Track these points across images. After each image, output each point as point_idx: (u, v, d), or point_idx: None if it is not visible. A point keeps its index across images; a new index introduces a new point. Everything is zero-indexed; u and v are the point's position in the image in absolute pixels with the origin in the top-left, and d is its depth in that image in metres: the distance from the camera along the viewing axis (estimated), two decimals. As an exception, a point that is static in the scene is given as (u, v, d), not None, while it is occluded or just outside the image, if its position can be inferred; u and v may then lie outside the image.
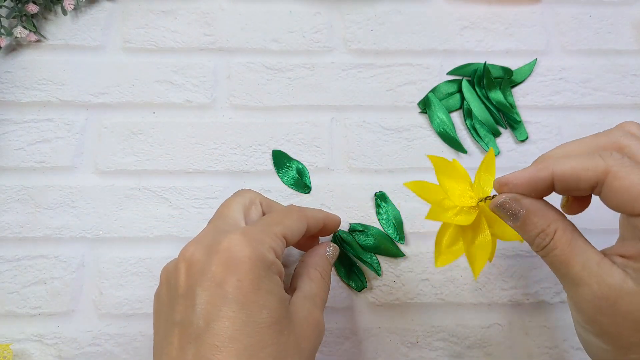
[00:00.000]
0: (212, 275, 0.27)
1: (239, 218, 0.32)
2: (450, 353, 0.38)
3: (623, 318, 0.25)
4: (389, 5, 0.47)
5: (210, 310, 0.26)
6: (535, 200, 0.27)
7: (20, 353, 0.37)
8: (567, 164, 0.26)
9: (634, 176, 0.24)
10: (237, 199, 0.33)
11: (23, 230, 0.40)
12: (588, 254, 0.26)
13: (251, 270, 0.27)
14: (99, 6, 0.47)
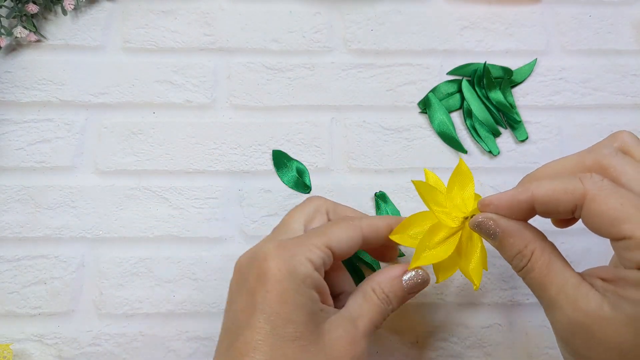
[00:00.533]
0: (248, 285, 0.28)
1: (298, 229, 0.31)
2: (450, 353, 0.38)
3: (598, 344, 0.24)
4: (389, 5, 0.47)
5: (242, 318, 0.27)
6: (513, 221, 0.27)
7: (20, 353, 0.37)
8: (547, 186, 0.26)
9: (611, 200, 0.24)
10: (303, 208, 0.32)
11: (23, 230, 0.40)
12: (565, 277, 0.26)
13: (279, 282, 0.27)
14: (99, 6, 0.47)
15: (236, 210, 0.41)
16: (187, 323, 0.38)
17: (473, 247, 0.32)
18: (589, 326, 0.24)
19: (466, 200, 0.32)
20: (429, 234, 0.32)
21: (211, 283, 0.39)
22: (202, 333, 0.38)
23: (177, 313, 0.38)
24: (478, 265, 0.31)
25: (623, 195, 0.24)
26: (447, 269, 0.33)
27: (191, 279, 0.39)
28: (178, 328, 0.38)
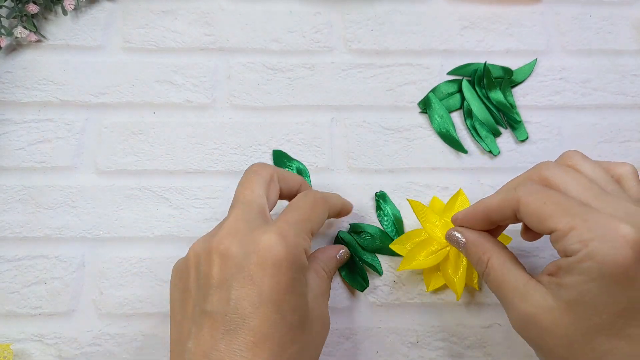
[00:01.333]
0: (249, 273, 0.28)
1: (264, 204, 0.32)
2: (450, 353, 0.38)
3: (547, 333, 0.27)
4: (389, 5, 0.47)
5: (246, 307, 0.27)
6: (476, 233, 0.32)
7: (20, 353, 0.37)
8: (495, 199, 0.31)
9: (537, 201, 0.28)
10: (256, 178, 0.33)
11: (23, 230, 0.40)
12: (517, 277, 0.29)
13: (287, 273, 0.28)
14: (99, 6, 0.47)
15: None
16: (187, 323, 0.38)
17: (459, 264, 0.36)
18: (537, 317, 0.27)
19: None
20: (420, 245, 0.37)
21: (211, 283, 0.39)
22: (202, 333, 0.38)
23: (177, 313, 0.38)
24: (462, 279, 0.36)
25: (547, 195, 0.28)
26: (436, 280, 0.38)
27: (191, 279, 0.39)
28: (178, 328, 0.38)
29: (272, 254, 0.28)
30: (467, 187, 0.42)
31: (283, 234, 0.29)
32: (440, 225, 0.37)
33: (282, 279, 0.28)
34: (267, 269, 0.28)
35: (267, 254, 0.28)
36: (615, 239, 0.25)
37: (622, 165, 0.31)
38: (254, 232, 0.29)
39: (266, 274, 0.28)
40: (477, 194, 0.41)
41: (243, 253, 0.28)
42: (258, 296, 0.27)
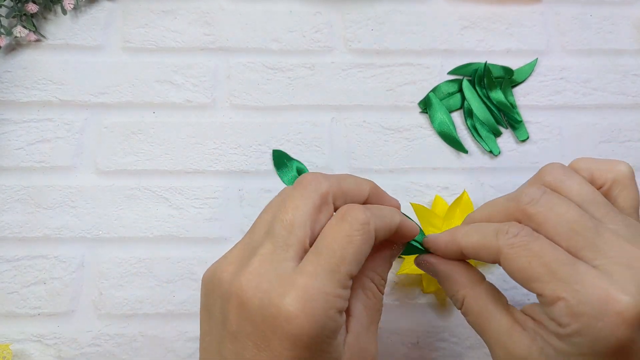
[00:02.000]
0: (265, 338, 0.23)
1: (304, 237, 0.25)
2: (451, 353, 0.38)
3: None
4: (389, 5, 0.47)
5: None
6: (450, 264, 0.28)
7: (19, 353, 0.37)
8: (471, 239, 0.27)
9: (521, 260, 0.24)
10: (307, 195, 0.25)
11: (23, 230, 0.40)
12: (499, 322, 0.26)
13: (309, 348, 0.23)
14: (99, 6, 0.46)
15: (236, 210, 0.41)
16: (186, 323, 0.38)
17: None
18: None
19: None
20: None
21: (211, 283, 0.39)
22: (202, 333, 0.38)
23: (176, 313, 0.38)
24: None
25: (533, 253, 0.24)
26: (435, 283, 0.37)
27: (191, 279, 0.39)
28: (178, 328, 0.38)
29: (292, 326, 0.22)
30: (468, 187, 0.42)
31: (308, 297, 0.23)
32: (443, 230, 0.37)
33: (303, 354, 0.23)
34: (285, 341, 0.23)
35: (284, 324, 0.23)
36: (609, 315, 0.22)
37: (614, 167, 0.28)
38: (279, 283, 0.23)
39: (284, 347, 0.23)
40: (478, 194, 0.41)
41: (262, 313, 0.23)
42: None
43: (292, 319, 0.23)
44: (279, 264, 0.24)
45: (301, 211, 0.25)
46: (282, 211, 0.25)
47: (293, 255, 0.24)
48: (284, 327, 0.23)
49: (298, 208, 0.25)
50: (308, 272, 0.24)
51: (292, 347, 0.23)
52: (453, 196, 0.41)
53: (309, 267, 0.24)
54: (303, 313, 0.23)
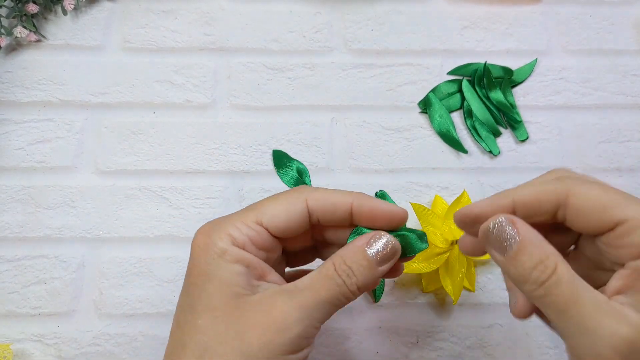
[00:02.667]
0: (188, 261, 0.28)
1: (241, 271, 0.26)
2: (450, 353, 0.38)
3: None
4: (389, 5, 0.47)
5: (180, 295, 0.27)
6: (533, 229, 0.24)
7: (20, 353, 0.37)
8: (528, 189, 0.25)
9: (594, 190, 0.23)
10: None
11: (23, 230, 0.40)
12: (595, 292, 0.22)
13: (198, 257, 0.27)
14: (99, 6, 0.47)
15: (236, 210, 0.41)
16: (187, 323, 0.38)
17: (459, 269, 0.36)
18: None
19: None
20: None
21: (211, 283, 0.39)
22: (202, 333, 0.38)
23: (177, 313, 0.38)
24: (459, 285, 0.36)
25: (603, 185, 0.24)
26: (434, 282, 0.38)
27: (191, 279, 0.39)
28: (178, 328, 0.38)
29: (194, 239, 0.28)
30: (468, 187, 0.42)
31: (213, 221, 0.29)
32: (442, 230, 0.37)
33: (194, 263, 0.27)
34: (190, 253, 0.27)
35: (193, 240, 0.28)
36: None
37: None
38: None
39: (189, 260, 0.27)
40: (478, 194, 0.41)
41: None
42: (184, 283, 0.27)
43: (196, 232, 0.28)
44: None
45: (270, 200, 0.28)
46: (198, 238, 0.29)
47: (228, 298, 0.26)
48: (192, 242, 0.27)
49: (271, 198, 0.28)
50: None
51: (191, 256, 0.27)
52: (453, 196, 0.41)
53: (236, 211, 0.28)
54: (201, 230, 0.28)
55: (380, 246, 0.26)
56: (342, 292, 0.25)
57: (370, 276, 0.26)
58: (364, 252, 0.26)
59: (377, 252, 0.26)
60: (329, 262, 0.26)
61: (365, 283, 0.26)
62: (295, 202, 0.27)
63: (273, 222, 0.27)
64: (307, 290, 0.25)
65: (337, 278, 0.25)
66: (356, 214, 0.27)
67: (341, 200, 0.27)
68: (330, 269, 0.25)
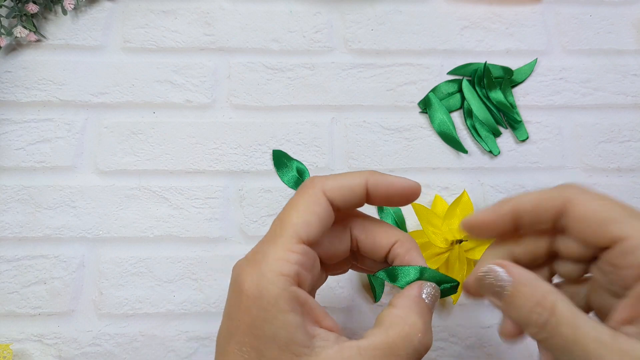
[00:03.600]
0: (228, 302, 0.25)
1: (293, 230, 0.24)
2: (450, 353, 0.38)
3: None
4: (389, 5, 0.47)
5: (221, 341, 0.25)
6: (524, 270, 0.23)
7: (20, 353, 0.37)
8: (529, 196, 0.25)
9: (594, 202, 0.23)
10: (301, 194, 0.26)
11: (23, 230, 0.40)
12: (598, 328, 0.21)
13: (249, 309, 0.23)
14: (99, 6, 0.47)
15: (236, 210, 0.41)
16: (187, 323, 0.38)
17: (459, 269, 0.36)
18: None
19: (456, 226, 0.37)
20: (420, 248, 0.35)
21: (211, 283, 0.39)
22: (202, 333, 0.38)
23: (177, 313, 0.38)
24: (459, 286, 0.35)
25: (604, 198, 0.23)
26: None
27: (191, 279, 0.39)
28: (178, 328, 0.38)
29: (239, 283, 0.24)
30: (468, 187, 0.42)
31: (253, 257, 0.24)
32: (443, 230, 0.37)
33: (245, 316, 0.23)
34: (236, 301, 0.24)
35: (236, 284, 0.24)
36: None
37: None
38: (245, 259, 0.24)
39: (236, 307, 0.24)
40: (478, 194, 0.41)
41: (232, 278, 0.25)
42: (227, 330, 0.24)
43: (240, 273, 0.24)
44: (253, 252, 0.25)
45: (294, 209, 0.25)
46: (281, 212, 0.26)
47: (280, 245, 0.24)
48: (236, 285, 0.24)
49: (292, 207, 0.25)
50: (258, 243, 0.25)
51: (240, 305, 0.23)
52: (453, 196, 0.41)
53: (263, 239, 0.25)
54: (247, 271, 0.23)
55: (432, 294, 0.26)
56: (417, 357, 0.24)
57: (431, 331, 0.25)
58: (427, 305, 0.25)
59: (431, 301, 0.26)
60: (401, 323, 0.24)
61: (431, 341, 0.25)
62: (317, 200, 0.25)
63: (310, 233, 0.24)
64: (375, 356, 0.23)
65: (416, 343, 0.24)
66: (372, 192, 0.26)
67: (357, 183, 0.26)
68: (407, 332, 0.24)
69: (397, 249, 0.27)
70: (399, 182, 0.26)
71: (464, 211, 0.38)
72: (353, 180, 0.26)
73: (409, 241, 0.27)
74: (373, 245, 0.27)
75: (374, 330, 0.24)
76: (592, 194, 0.23)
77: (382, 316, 0.25)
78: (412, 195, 0.27)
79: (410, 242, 0.27)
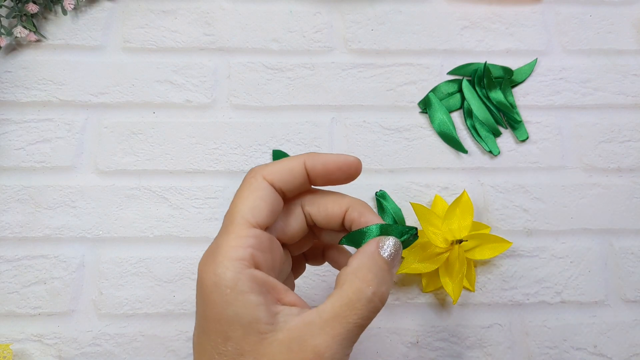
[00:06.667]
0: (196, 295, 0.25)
1: (242, 221, 0.25)
2: (450, 353, 0.38)
3: None
4: (389, 5, 0.47)
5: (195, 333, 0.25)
6: None
7: (20, 353, 0.37)
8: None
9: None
10: (243, 187, 0.26)
11: (23, 230, 0.40)
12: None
13: (209, 296, 0.23)
14: (99, 6, 0.46)
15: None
16: (186, 323, 0.38)
17: (459, 269, 0.36)
18: None
19: (462, 228, 0.37)
20: (420, 248, 0.37)
21: (211, 283, 0.39)
22: (202, 333, 0.38)
23: (176, 313, 0.38)
24: (459, 285, 0.36)
25: None
26: (434, 282, 0.38)
27: (191, 279, 0.39)
28: (178, 328, 0.38)
29: (199, 275, 0.25)
30: (468, 187, 0.42)
31: (210, 248, 0.25)
32: (442, 230, 0.37)
33: (206, 304, 0.24)
34: (198, 291, 0.25)
35: (198, 276, 0.25)
36: None
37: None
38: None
39: (198, 298, 0.25)
40: (478, 193, 0.41)
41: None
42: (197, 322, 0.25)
43: (199, 265, 0.25)
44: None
45: (239, 199, 0.26)
46: (230, 206, 0.26)
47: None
48: (198, 277, 0.24)
49: (237, 197, 0.26)
50: (215, 237, 0.25)
51: (200, 295, 0.24)
52: (453, 196, 0.41)
53: (217, 234, 0.25)
54: (203, 262, 0.24)
55: (391, 247, 0.26)
56: (373, 309, 0.24)
57: (391, 283, 0.26)
58: (382, 258, 0.26)
59: (390, 254, 0.26)
60: (353, 279, 0.25)
61: (388, 291, 0.25)
62: (259, 186, 0.26)
63: (259, 217, 0.25)
64: (335, 319, 0.24)
65: (369, 294, 0.24)
66: (311, 172, 0.27)
67: (295, 164, 0.27)
68: (358, 286, 0.24)
69: (350, 214, 0.27)
70: (336, 158, 0.27)
71: (464, 211, 0.38)
72: (290, 162, 0.27)
73: (360, 205, 0.28)
74: (326, 215, 0.28)
75: (332, 293, 0.25)
76: None
77: (339, 277, 0.25)
78: (352, 170, 0.27)
79: (361, 205, 0.28)
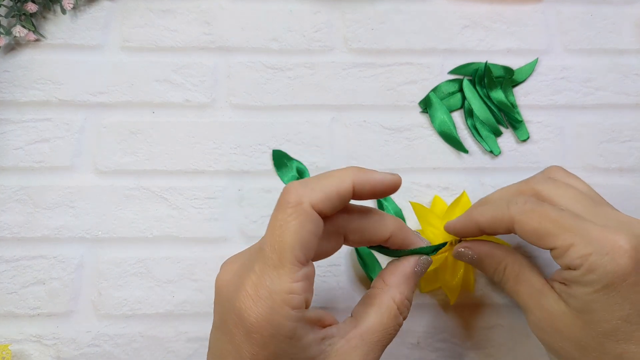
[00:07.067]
0: (231, 332, 0.24)
1: (292, 256, 0.24)
2: (451, 354, 0.38)
3: (561, 336, 0.28)
4: (389, 4, 0.47)
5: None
6: (486, 245, 0.33)
7: (19, 354, 0.37)
8: (485, 215, 0.31)
9: (532, 221, 0.28)
10: (288, 213, 0.24)
11: (22, 231, 0.40)
12: (532, 283, 0.30)
13: (266, 346, 0.23)
14: (98, 5, 0.46)
15: (236, 210, 0.41)
16: (186, 324, 0.38)
17: (457, 269, 0.36)
18: (552, 321, 0.29)
19: None
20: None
21: (211, 283, 0.39)
22: (202, 334, 0.38)
23: (176, 314, 0.38)
24: (457, 285, 0.36)
25: (541, 213, 0.28)
26: (432, 282, 0.38)
27: (191, 280, 0.39)
28: (177, 329, 0.38)
29: (246, 320, 0.24)
30: (468, 187, 0.41)
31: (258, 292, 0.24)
32: (442, 229, 0.37)
33: (261, 353, 0.23)
34: (244, 335, 0.24)
35: (242, 319, 0.24)
36: (612, 250, 0.26)
37: None
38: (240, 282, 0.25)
39: (245, 341, 0.24)
40: (479, 194, 0.41)
41: (228, 307, 0.25)
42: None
43: (244, 309, 0.23)
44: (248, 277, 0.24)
45: (287, 231, 0.24)
46: (271, 233, 0.24)
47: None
48: (241, 320, 0.23)
49: (283, 228, 0.24)
50: (255, 271, 0.24)
51: (251, 341, 0.23)
52: (453, 196, 0.41)
53: (256, 267, 0.24)
54: (254, 313, 0.23)
55: (423, 266, 0.30)
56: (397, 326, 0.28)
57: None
58: (415, 280, 0.30)
59: (422, 273, 0.30)
60: (389, 302, 0.28)
61: None
62: (309, 217, 0.24)
63: (308, 253, 0.24)
64: (377, 344, 0.26)
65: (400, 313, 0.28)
66: (358, 192, 0.27)
67: (344, 188, 0.26)
68: (393, 306, 0.28)
69: (394, 240, 0.29)
70: (382, 178, 0.28)
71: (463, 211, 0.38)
72: (338, 184, 0.26)
73: (402, 230, 0.30)
74: (369, 241, 0.29)
75: (367, 309, 0.27)
76: (530, 212, 0.29)
77: (375, 294, 0.28)
78: (396, 188, 0.29)
79: (403, 230, 0.30)
